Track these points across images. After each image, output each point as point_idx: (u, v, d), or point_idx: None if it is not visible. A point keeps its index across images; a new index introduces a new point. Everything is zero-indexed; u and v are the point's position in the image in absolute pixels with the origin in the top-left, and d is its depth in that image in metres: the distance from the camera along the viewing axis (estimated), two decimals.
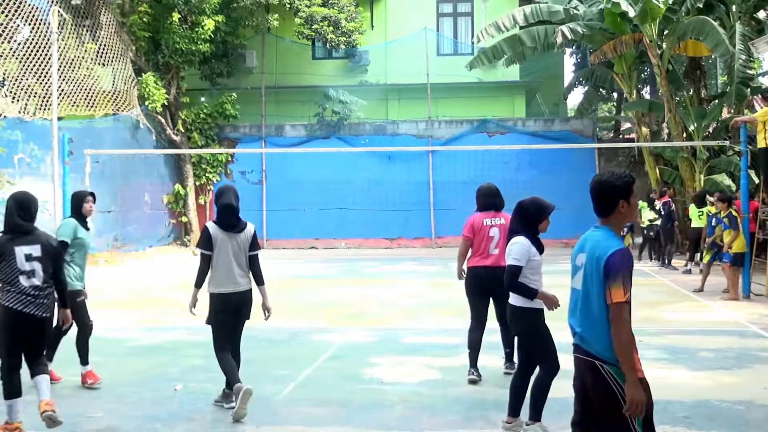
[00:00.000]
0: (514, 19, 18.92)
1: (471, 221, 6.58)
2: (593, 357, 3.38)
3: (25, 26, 15.40)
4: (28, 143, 15.64)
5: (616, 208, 3.47)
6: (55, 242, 5.45)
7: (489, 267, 6.38)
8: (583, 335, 3.44)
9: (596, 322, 3.37)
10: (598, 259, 3.35)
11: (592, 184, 3.56)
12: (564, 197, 21.79)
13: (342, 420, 5.43)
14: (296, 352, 7.77)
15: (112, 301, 11.72)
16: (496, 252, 6.38)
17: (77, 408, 5.73)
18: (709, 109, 18.18)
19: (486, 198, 6.60)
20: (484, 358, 7.26)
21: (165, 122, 21.10)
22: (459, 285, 6.88)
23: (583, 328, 3.45)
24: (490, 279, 6.29)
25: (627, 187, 3.46)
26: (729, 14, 17.20)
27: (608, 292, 3.28)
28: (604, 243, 3.40)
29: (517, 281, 5.00)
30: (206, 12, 19.89)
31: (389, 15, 24.13)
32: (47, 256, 5.18)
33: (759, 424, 5.09)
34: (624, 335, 3.25)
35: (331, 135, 22.71)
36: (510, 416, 5.09)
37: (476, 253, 6.50)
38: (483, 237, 6.45)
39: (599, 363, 3.35)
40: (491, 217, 6.53)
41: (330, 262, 18.50)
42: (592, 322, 3.40)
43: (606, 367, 3.32)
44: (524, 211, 5.12)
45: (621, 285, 3.25)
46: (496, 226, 6.45)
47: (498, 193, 6.64)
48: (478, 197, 6.70)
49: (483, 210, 6.60)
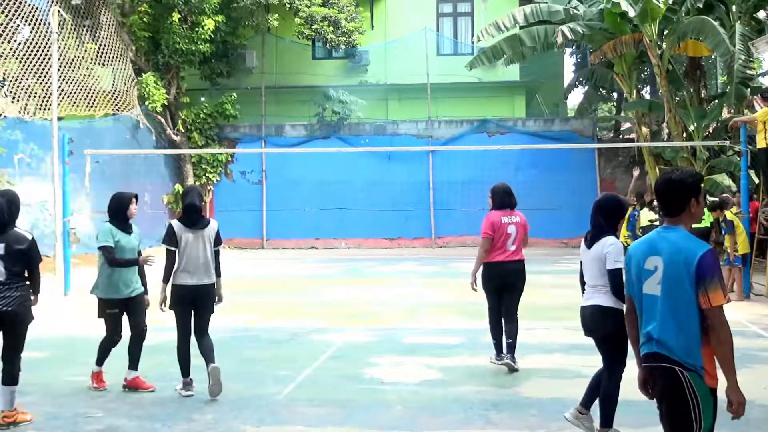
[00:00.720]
0: (514, 18, 18.91)
1: (491, 219, 6.83)
2: (673, 363, 3.23)
3: (25, 26, 15.40)
4: (28, 143, 15.64)
5: (687, 206, 3.34)
6: (25, 242, 5.38)
7: (505, 261, 6.79)
8: (664, 341, 3.25)
9: (682, 328, 3.21)
10: (687, 261, 3.18)
11: (660, 182, 3.41)
12: (564, 197, 21.89)
13: (342, 420, 5.43)
14: (296, 352, 7.77)
15: None
16: (513, 248, 6.80)
17: (77, 408, 5.73)
18: (709, 109, 18.17)
19: (502, 197, 6.92)
20: (483, 358, 7.27)
21: (165, 122, 21.10)
22: (458, 285, 6.90)
23: (665, 334, 3.25)
24: (506, 272, 6.78)
25: (698, 185, 3.36)
26: (729, 14, 17.19)
27: (705, 296, 3.12)
28: (687, 244, 3.23)
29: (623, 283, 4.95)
30: (206, 12, 19.89)
31: (389, 15, 24.13)
32: (11, 255, 5.29)
33: (759, 424, 5.10)
34: (729, 338, 3.14)
35: (331, 135, 22.71)
36: (583, 407, 4.96)
37: (494, 248, 6.80)
38: (501, 234, 6.78)
39: (679, 369, 3.20)
40: (508, 215, 6.86)
41: (330, 262, 18.50)
42: (677, 327, 3.22)
43: (686, 374, 3.19)
44: (610, 209, 4.94)
45: (719, 287, 3.13)
46: (513, 224, 6.83)
47: (512, 192, 6.98)
48: (493, 196, 6.97)
49: (499, 208, 6.89)
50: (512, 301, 6.90)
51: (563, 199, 21.45)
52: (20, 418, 5.36)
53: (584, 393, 4.98)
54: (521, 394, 6.06)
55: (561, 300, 11.28)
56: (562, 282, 13.58)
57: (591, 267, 4.88)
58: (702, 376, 3.19)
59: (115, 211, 6.33)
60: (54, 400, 5.97)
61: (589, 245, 4.90)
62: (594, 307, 4.85)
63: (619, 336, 4.54)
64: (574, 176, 21.73)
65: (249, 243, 22.62)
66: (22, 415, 5.38)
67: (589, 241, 4.90)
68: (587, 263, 4.93)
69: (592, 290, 4.91)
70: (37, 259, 5.48)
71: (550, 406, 5.65)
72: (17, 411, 5.37)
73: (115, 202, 6.35)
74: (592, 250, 4.86)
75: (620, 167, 22.11)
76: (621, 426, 5.17)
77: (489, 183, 8.16)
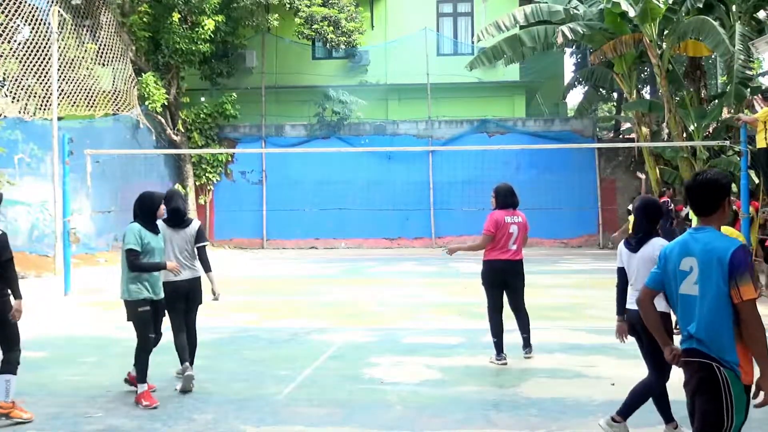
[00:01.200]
0: (514, 18, 18.92)
1: (495, 218, 7.02)
2: (711, 359, 3.28)
3: (25, 26, 15.41)
4: (28, 143, 15.64)
5: (720, 207, 3.39)
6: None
7: (507, 260, 7.02)
8: (703, 338, 3.30)
9: (718, 325, 3.26)
10: (720, 259, 3.24)
11: (694, 183, 3.46)
12: (564, 197, 21.91)
13: (342, 420, 5.43)
14: (296, 352, 7.77)
15: (112, 301, 11.70)
16: (514, 248, 7.03)
17: (77, 408, 5.73)
18: (709, 109, 18.17)
19: (505, 197, 7.12)
20: (482, 358, 7.28)
21: (165, 122, 21.10)
22: (458, 285, 6.90)
23: (704, 332, 3.30)
24: (507, 271, 7.04)
25: (729, 186, 3.42)
26: (729, 14, 17.20)
27: (737, 291, 3.18)
28: (719, 243, 3.30)
29: None
30: (206, 12, 19.89)
31: (389, 15, 24.14)
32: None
33: (759, 425, 5.09)
34: (762, 331, 3.18)
35: (331, 135, 22.71)
36: (668, 423, 4.96)
37: (496, 247, 7.01)
38: (504, 233, 6.99)
39: (716, 365, 3.26)
40: (511, 215, 7.07)
41: (330, 262, 18.50)
42: (714, 325, 3.27)
43: (723, 371, 3.24)
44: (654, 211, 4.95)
45: (750, 281, 3.18)
46: (515, 224, 7.05)
47: (515, 192, 7.19)
48: (497, 196, 7.16)
49: (502, 208, 7.09)
50: (517, 297, 7.20)
51: (563, 199, 21.47)
52: (15, 413, 5.31)
53: (624, 402, 4.93)
54: (521, 394, 6.06)
55: (561, 300, 11.29)
56: (562, 282, 13.59)
57: (640, 270, 4.82)
58: (738, 374, 3.24)
59: (146, 211, 6.06)
60: (54, 400, 5.97)
61: (635, 249, 4.88)
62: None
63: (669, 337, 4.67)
64: (574, 176, 21.74)
65: (249, 243, 22.63)
66: (19, 411, 5.34)
67: (635, 246, 4.89)
68: (635, 267, 4.88)
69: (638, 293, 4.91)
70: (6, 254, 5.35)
71: (550, 406, 5.65)
72: (15, 406, 5.34)
73: (146, 202, 6.08)
74: (639, 253, 4.84)
75: (620, 167, 22.11)
76: None
77: (489, 183, 8.54)
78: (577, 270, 15.73)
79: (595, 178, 21.98)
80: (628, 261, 4.96)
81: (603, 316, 9.84)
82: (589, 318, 9.74)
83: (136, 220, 6.06)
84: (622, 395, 4.96)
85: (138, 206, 6.10)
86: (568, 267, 16.35)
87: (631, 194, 22.05)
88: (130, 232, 5.94)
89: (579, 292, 12.17)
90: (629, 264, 4.95)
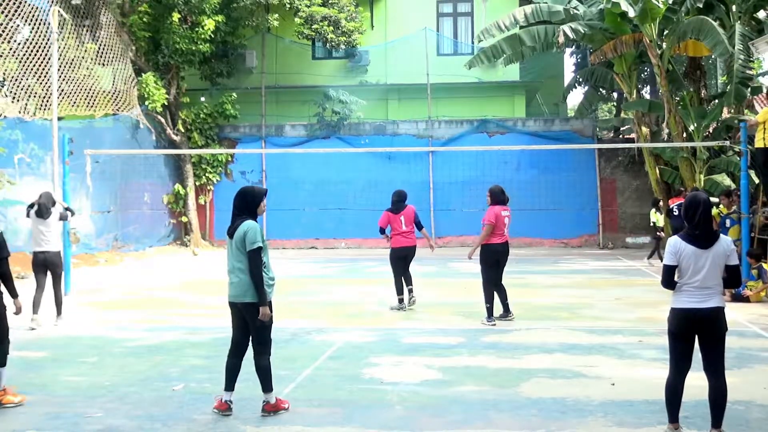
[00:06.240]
0: (514, 18, 18.92)
1: (494, 211, 9.11)
2: None
3: (25, 26, 15.40)
4: (28, 143, 15.64)
5: None
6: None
7: (502, 243, 9.20)
8: None
9: None
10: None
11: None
12: (564, 197, 21.90)
13: (342, 420, 5.43)
14: (296, 352, 7.77)
15: (112, 301, 11.72)
16: (507, 233, 9.27)
17: (77, 408, 5.73)
18: (709, 109, 18.16)
19: (499, 196, 9.31)
20: (482, 358, 7.28)
21: (165, 122, 21.09)
22: (458, 285, 6.89)
23: None
24: (502, 252, 9.26)
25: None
26: (729, 14, 17.19)
27: None
28: None
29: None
30: (206, 12, 19.89)
31: (389, 15, 24.13)
32: None
33: (759, 424, 5.09)
34: None
35: (331, 135, 22.70)
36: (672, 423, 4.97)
37: (493, 234, 9.11)
38: (500, 223, 9.12)
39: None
40: (504, 209, 9.23)
41: (330, 262, 18.49)
42: None
43: None
44: (710, 207, 4.92)
45: None
46: (507, 216, 9.27)
47: (505, 192, 9.42)
48: (492, 195, 9.32)
49: (497, 204, 9.23)
50: (501, 273, 9.39)
51: (563, 199, 21.45)
52: (7, 399, 5.33)
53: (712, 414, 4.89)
54: (521, 394, 6.06)
55: (561, 300, 11.29)
56: (562, 282, 13.58)
57: (710, 267, 4.82)
58: None
59: (254, 206, 5.67)
60: (54, 400, 5.97)
61: (706, 246, 4.82)
62: (718, 309, 4.87)
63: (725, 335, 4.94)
64: (574, 176, 21.73)
65: None
66: (11, 396, 5.35)
67: (705, 242, 4.83)
68: (702, 265, 4.82)
69: (709, 291, 4.87)
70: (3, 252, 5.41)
71: (550, 406, 5.65)
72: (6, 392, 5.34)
73: (253, 197, 5.67)
74: (712, 249, 4.81)
75: (620, 167, 22.11)
76: (621, 426, 5.18)
77: (489, 183, 10.01)
78: (576, 270, 15.71)
79: (595, 178, 21.96)
80: (694, 260, 4.85)
81: (603, 316, 9.85)
82: (589, 318, 9.73)
83: (245, 215, 5.58)
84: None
85: (243, 202, 5.64)
86: (568, 267, 16.33)
87: (631, 194, 22.10)
88: (256, 231, 5.46)
89: (579, 292, 12.16)
90: (696, 262, 4.84)
